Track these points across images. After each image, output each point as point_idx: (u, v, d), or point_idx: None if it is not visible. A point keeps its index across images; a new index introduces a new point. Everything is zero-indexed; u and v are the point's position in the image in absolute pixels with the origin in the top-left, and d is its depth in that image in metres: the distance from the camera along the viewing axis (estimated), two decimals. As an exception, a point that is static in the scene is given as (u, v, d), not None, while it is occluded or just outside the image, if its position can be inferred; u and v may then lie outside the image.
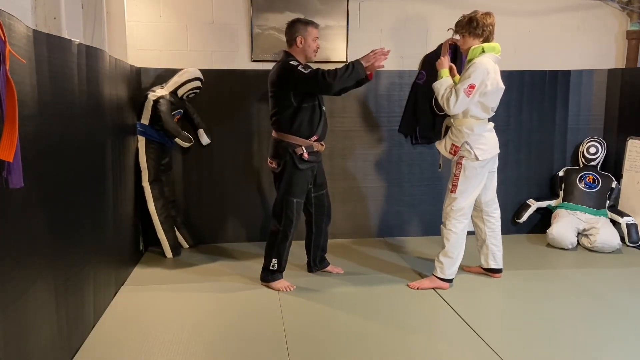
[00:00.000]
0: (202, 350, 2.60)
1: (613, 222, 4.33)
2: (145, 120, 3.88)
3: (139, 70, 4.10)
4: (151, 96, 3.88)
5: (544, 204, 4.64)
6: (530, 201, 4.65)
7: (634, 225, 4.26)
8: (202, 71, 4.05)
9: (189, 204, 4.36)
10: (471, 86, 3.13)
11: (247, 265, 3.84)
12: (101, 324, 2.87)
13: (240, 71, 4.28)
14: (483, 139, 3.28)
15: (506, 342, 2.67)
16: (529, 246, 4.38)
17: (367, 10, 4.49)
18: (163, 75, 4.11)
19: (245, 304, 3.17)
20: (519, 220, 4.66)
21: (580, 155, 4.64)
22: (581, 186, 4.47)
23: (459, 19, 3.32)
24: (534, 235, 4.65)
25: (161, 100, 3.87)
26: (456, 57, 3.54)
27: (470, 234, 3.43)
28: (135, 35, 4.21)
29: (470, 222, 3.46)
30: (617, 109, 4.61)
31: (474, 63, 3.18)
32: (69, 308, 2.41)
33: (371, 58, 3.19)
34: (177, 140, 4.00)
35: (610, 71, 4.69)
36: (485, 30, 3.22)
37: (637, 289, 3.38)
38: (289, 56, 3.32)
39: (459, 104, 3.16)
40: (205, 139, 4.20)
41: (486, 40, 3.25)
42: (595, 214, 4.33)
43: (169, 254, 4.01)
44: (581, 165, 4.63)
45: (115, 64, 3.32)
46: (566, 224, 4.28)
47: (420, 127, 3.86)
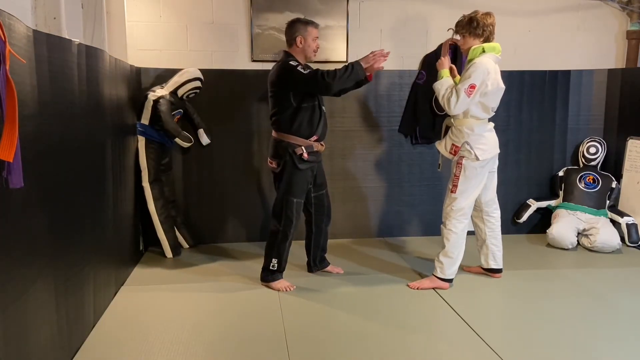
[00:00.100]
0: (202, 350, 2.60)
1: (613, 222, 4.33)
2: (145, 120, 3.89)
3: (139, 70, 4.10)
4: (151, 96, 3.88)
5: (544, 204, 4.64)
6: (530, 201, 4.65)
7: (634, 225, 4.26)
8: (202, 71, 4.05)
9: (189, 204, 4.36)
10: (472, 86, 3.13)
11: (247, 265, 3.84)
12: (101, 324, 2.87)
13: (240, 71, 4.28)
14: (483, 139, 3.28)
15: (506, 342, 2.67)
16: (529, 246, 4.38)
17: (367, 10, 4.49)
18: (163, 75, 4.11)
19: (245, 304, 3.17)
20: (519, 220, 4.66)
21: (580, 155, 4.64)
22: (581, 186, 4.47)
23: (459, 19, 3.32)
24: (534, 235, 4.65)
25: (161, 100, 3.87)
26: (456, 57, 3.54)
27: (470, 234, 3.43)
28: (135, 35, 4.21)
29: (470, 222, 3.46)
30: (617, 109, 4.61)
31: (474, 63, 3.18)
32: (69, 308, 2.41)
33: (370, 59, 3.19)
34: (177, 140, 4.00)
35: (610, 71, 4.69)
36: (486, 30, 3.22)
37: (637, 289, 3.38)
38: (288, 56, 3.32)
39: (459, 104, 3.17)
40: (205, 139, 4.20)
41: (486, 40, 3.25)
42: (595, 214, 4.33)
43: (169, 254, 4.02)
44: (581, 165, 4.63)
45: (115, 64, 3.32)
46: (566, 224, 4.28)
47: (420, 127, 3.87)
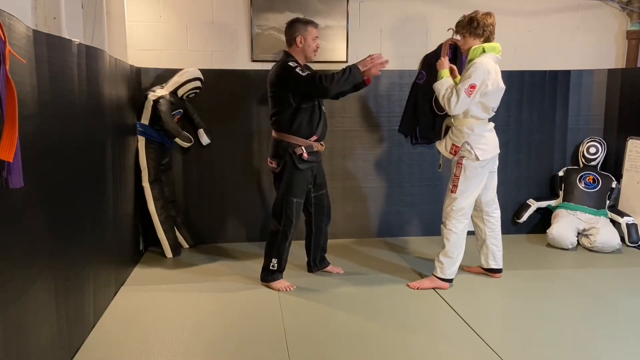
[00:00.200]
0: (202, 350, 2.60)
1: (613, 222, 4.33)
2: (145, 120, 3.89)
3: (139, 70, 4.10)
4: (151, 96, 3.88)
5: (544, 204, 4.64)
6: (530, 201, 4.65)
7: (634, 225, 4.26)
8: (202, 71, 4.05)
9: (189, 204, 4.36)
10: (472, 86, 3.13)
11: (247, 265, 3.84)
12: (101, 324, 2.87)
13: (240, 71, 4.28)
14: (483, 139, 3.28)
15: (506, 342, 2.67)
16: (529, 246, 4.37)
17: (367, 10, 4.49)
18: (163, 75, 4.11)
19: (245, 304, 3.17)
20: (519, 220, 4.66)
21: (580, 155, 4.64)
22: (581, 186, 4.47)
23: (459, 19, 3.32)
24: (534, 235, 4.65)
25: (161, 100, 3.87)
26: (456, 57, 3.54)
27: (470, 234, 3.43)
28: (135, 35, 4.21)
29: (470, 222, 3.46)
30: (617, 109, 4.61)
31: (474, 63, 3.18)
32: (69, 308, 2.41)
33: (368, 63, 3.20)
34: (177, 140, 4.00)
35: (610, 71, 4.69)
36: (486, 31, 3.22)
37: (637, 289, 3.38)
38: (288, 56, 3.32)
39: (460, 104, 3.16)
40: (205, 139, 4.20)
41: (487, 40, 3.25)
42: (595, 214, 4.33)
43: (169, 254, 4.02)
44: (581, 165, 4.63)
45: (115, 64, 3.32)
46: (566, 224, 4.28)
47: (420, 127, 3.87)
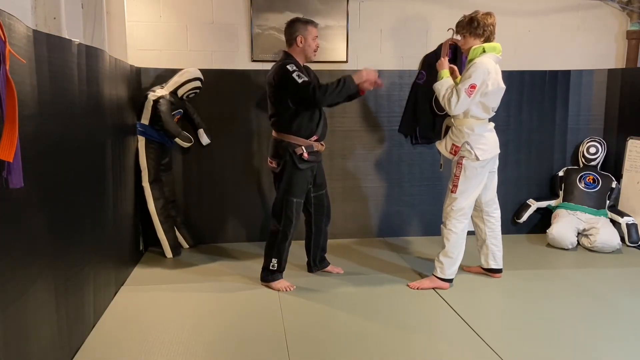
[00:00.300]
0: (202, 350, 2.60)
1: (613, 222, 4.33)
2: (145, 120, 3.88)
3: (139, 70, 4.10)
4: (151, 96, 3.88)
5: (544, 204, 4.64)
6: (530, 201, 4.65)
7: (634, 225, 4.26)
8: (202, 71, 4.05)
9: (189, 204, 4.36)
10: (472, 86, 3.13)
11: (247, 265, 3.84)
12: (101, 324, 2.87)
13: (240, 71, 4.28)
14: (483, 139, 3.28)
15: (506, 342, 2.67)
16: (529, 246, 4.37)
17: (367, 10, 4.49)
18: (163, 75, 4.11)
19: (245, 304, 3.17)
20: (519, 220, 4.66)
21: (580, 155, 4.64)
22: (581, 186, 4.47)
23: (459, 19, 3.32)
24: (534, 235, 4.65)
25: (161, 100, 3.87)
26: (456, 57, 3.54)
27: (470, 234, 3.43)
28: (135, 35, 4.21)
29: (470, 222, 3.46)
30: (617, 109, 4.61)
31: (474, 63, 3.18)
32: (69, 308, 2.41)
33: (363, 77, 3.22)
34: (177, 140, 4.00)
35: (610, 71, 4.69)
36: (486, 31, 3.22)
37: (637, 289, 3.38)
38: (288, 57, 3.32)
39: (460, 104, 3.16)
40: (205, 139, 4.20)
41: (487, 40, 3.24)
42: (595, 214, 4.33)
43: (169, 254, 4.01)
44: (581, 165, 4.63)
45: (115, 64, 3.32)
46: (566, 224, 4.28)
47: (420, 127, 3.87)
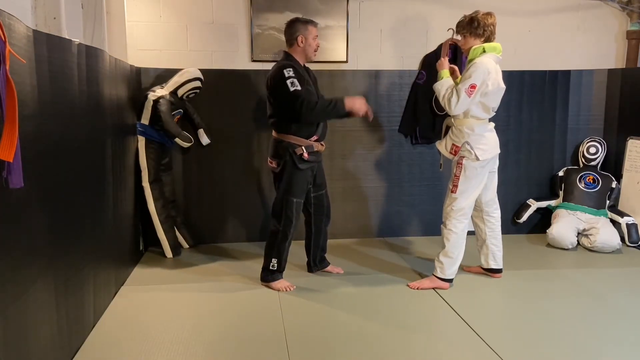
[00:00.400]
0: (202, 350, 2.60)
1: (613, 222, 4.33)
2: (145, 120, 3.88)
3: (139, 70, 4.10)
4: (151, 96, 3.88)
5: (544, 204, 4.64)
6: (530, 201, 4.64)
7: (634, 225, 4.26)
8: (202, 71, 4.05)
9: (189, 204, 4.36)
10: (472, 86, 3.13)
11: (247, 265, 3.84)
12: (101, 324, 2.87)
13: (240, 71, 4.28)
14: (484, 139, 3.28)
15: (506, 342, 2.67)
16: (529, 246, 4.37)
17: (367, 10, 4.49)
18: (163, 75, 4.11)
19: (245, 304, 3.17)
20: (519, 220, 4.66)
21: (580, 155, 4.64)
22: (581, 186, 4.47)
23: (460, 19, 3.32)
24: (534, 235, 4.65)
25: (161, 100, 3.87)
26: (456, 57, 3.54)
27: (470, 234, 3.43)
28: (135, 35, 4.21)
29: (470, 222, 3.46)
30: (617, 109, 4.61)
31: (474, 63, 3.18)
32: (69, 308, 2.41)
33: (356, 105, 3.22)
34: (177, 140, 3.99)
35: (610, 71, 4.69)
36: (487, 30, 3.22)
37: (637, 289, 3.38)
38: (288, 57, 3.31)
39: (460, 104, 3.16)
40: (205, 139, 4.20)
41: (487, 40, 3.24)
42: (595, 214, 4.33)
43: (169, 254, 4.01)
44: (581, 165, 4.63)
45: (115, 64, 3.32)
46: (566, 224, 4.28)
47: (420, 127, 3.86)
